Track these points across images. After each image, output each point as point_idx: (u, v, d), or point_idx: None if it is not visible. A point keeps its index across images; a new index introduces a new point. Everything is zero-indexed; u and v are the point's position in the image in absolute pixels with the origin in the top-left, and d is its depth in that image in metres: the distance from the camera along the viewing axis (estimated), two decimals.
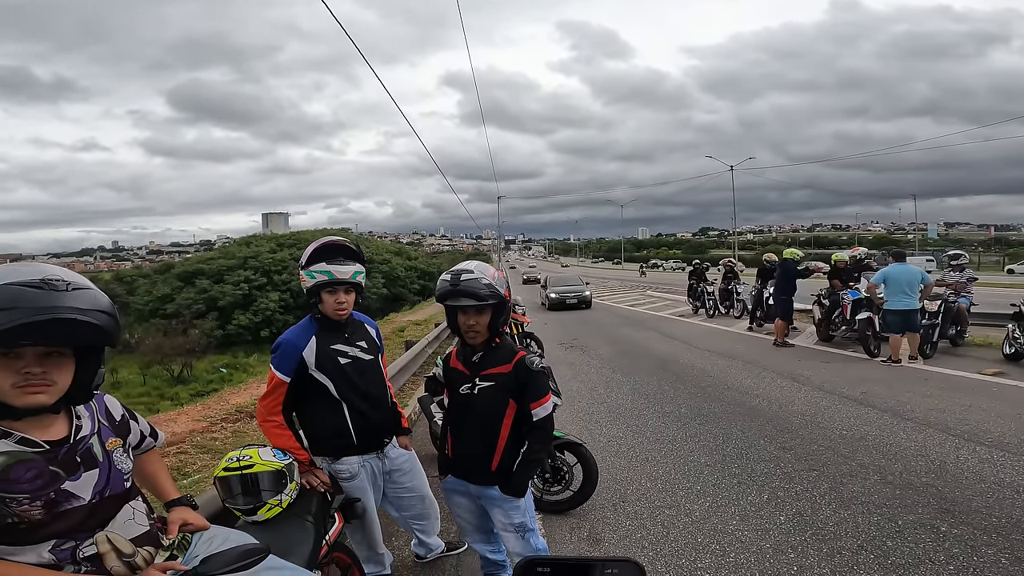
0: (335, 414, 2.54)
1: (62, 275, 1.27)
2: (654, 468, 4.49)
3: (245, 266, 42.81)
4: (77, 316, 1.24)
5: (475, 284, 2.26)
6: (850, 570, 2.90)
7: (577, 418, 5.98)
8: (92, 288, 1.32)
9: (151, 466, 1.78)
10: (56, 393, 1.32)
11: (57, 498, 1.32)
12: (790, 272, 10.29)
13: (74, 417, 1.42)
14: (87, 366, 1.38)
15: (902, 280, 7.77)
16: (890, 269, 7.96)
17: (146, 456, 1.76)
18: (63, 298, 1.24)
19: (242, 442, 5.02)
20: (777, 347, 9.76)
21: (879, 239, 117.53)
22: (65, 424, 1.40)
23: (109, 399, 1.60)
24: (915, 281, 7.78)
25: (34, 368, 1.27)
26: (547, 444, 2.54)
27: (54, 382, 1.30)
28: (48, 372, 1.29)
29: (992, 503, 3.51)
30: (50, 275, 1.26)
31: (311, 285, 2.48)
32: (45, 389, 1.29)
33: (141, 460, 1.74)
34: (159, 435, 1.80)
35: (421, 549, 3.15)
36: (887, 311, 7.89)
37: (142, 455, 1.74)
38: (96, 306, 1.29)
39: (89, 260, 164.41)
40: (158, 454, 1.83)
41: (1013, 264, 43.09)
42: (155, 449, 1.80)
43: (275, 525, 2.12)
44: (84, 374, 1.37)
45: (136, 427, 1.65)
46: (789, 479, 4.10)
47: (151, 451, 1.78)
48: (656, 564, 3.09)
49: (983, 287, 12.51)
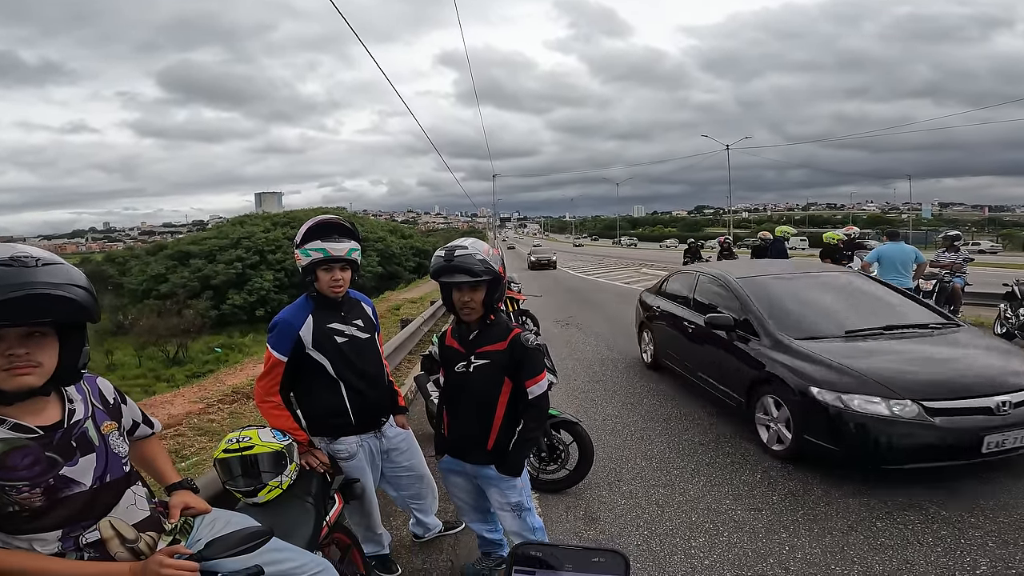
0: (332, 393, 2.54)
1: (31, 252, 1.26)
2: (649, 446, 4.54)
3: (238, 245, 42.57)
4: (51, 291, 1.22)
5: (469, 260, 2.25)
6: (840, 550, 2.95)
7: (572, 396, 6.02)
8: (64, 263, 1.30)
9: (150, 450, 1.77)
10: (43, 374, 1.31)
11: (57, 484, 1.32)
12: (781, 250, 10.33)
13: (66, 401, 1.41)
14: (70, 345, 1.36)
15: (896, 259, 7.83)
16: (884, 248, 7.99)
17: (147, 442, 1.76)
18: (35, 273, 1.22)
19: (239, 423, 5.04)
20: None
21: (873, 219, 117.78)
22: (58, 408, 1.39)
23: (102, 381, 1.58)
24: (908, 260, 7.84)
25: (17, 350, 1.26)
26: (543, 422, 2.55)
27: (39, 363, 1.29)
28: (32, 353, 1.28)
29: (979, 485, 3.56)
30: (19, 252, 1.24)
31: (306, 263, 2.45)
32: (31, 370, 1.28)
33: (140, 444, 1.74)
34: (154, 424, 1.78)
35: (419, 528, 3.19)
36: None
37: (140, 441, 1.73)
38: (70, 280, 1.27)
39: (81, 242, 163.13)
40: (158, 439, 1.83)
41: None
42: (155, 435, 1.80)
43: (276, 507, 2.13)
44: (69, 353, 1.36)
45: (127, 412, 1.63)
46: (781, 458, 4.15)
47: (151, 437, 1.78)
48: (651, 543, 3.14)
49: (976, 267, 12.57)
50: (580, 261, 37.51)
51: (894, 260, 7.83)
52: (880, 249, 8.03)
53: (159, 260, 43.72)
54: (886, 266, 7.83)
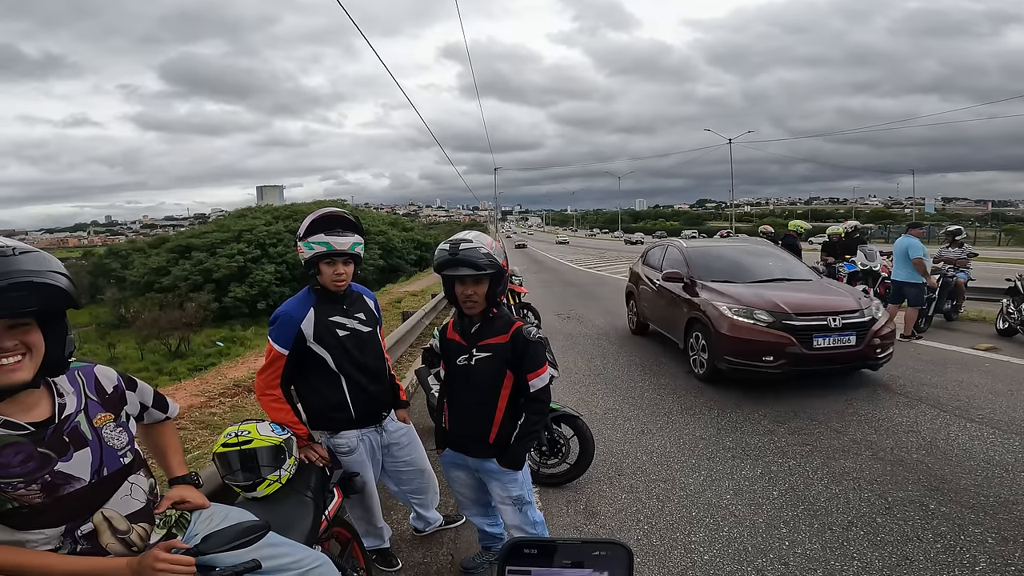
0: (333, 387, 2.53)
1: (6, 242, 1.24)
2: (649, 441, 4.54)
3: (240, 239, 42.53)
4: (32, 278, 1.21)
5: (474, 253, 2.24)
6: (840, 546, 2.95)
7: (573, 390, 6.02)
8: (39, 250, 1.29)
9: (164, 440, 1.76)
10: (32, 367, 1.29)
11: (55, 480, 1.31)
12: (793, 246, 10.11)
13: (56, 396, 1.40)
14: (54, 334, 1.34)
15: (897, 252, 7.88)
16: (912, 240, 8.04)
17: (161, 428, 1.74)
18: (13, 262, 1.20)
19: (240, 416, 5.04)
20: None
21: (876, 213, 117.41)
22: (48, 404, 1.38)
23: (102, 369, 1.55)
24: (904, 253, 7.87)
25: (6, 342, 1.25)
26: (544, 416, 2.54)
27: (27, 352, 1.28)
28: (18, 345, 1.27)
29: (980, 481, 3.56)
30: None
31: (309, 256, 2.44)
32: (18, 367, 1.27)
33: (155, 432, 1.72)
34: (170, 407, 1.75)
35: (420, 523, 3.19)
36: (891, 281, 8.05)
37: (154, 426, 1.71)
38: (49, 267, 1.26)
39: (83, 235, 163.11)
40: (172, 427, 1.81)
41: None
42: (169, 422, 1.78)
43: (275, 501, 2.12)
44: (53, 343, 1.34)
45: (134, 396, 1.60)
46: (782, 454, 4.15)
47: (165, 424, 1.76)
48: (651, 538, 3.14)
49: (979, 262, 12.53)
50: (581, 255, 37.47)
51: (897, 253, 7.94)
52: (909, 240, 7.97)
53: (161, 253, 43.69)
54: (896, 258, 7.85)
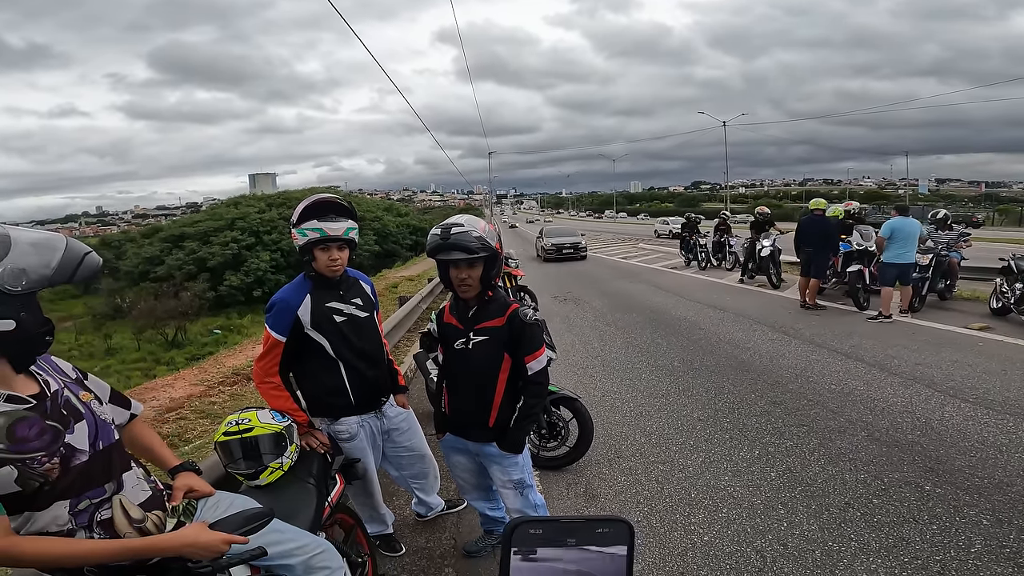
0: (332, 374, 2.52)
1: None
2: (648, 423, 4.57)
3: (233, 227, 42.25)
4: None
5: (465, 237, 2.22)
6: (837, 527, 2.98)
7: (571, 372, 6.05)
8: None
9: (144, 438, 1.73)
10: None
11: (68, 453, 1.31)
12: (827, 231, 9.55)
13: (36, 373, 1.38)
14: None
15: (908, 232, 7.83)
16: (895, 221, 7.94)
17: (137, 428, 1.71)
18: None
19: (240, 405, 5.05)
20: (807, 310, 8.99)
21: (870, 194, 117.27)
22: (33, 381, 1.36)
23: (57, 360, 1.50)
24: (915, 234, 7.89)
25: None
26: (543, 398, 2.55)
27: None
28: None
29: (975, 462, 3.58)
30: None
31: (303, 243, 2.42)
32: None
33: (133, 432, 1.69)
34: (133, 404, 1.69)
35: (421, 508, 3.21)
36: (888, 264, 7.90)
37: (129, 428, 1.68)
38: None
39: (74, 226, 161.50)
40: (146, 425, 1.78)
41: None
42: (139, 419, 1.73)
43: (278, 489, 2.13)
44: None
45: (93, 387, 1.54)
46: (779, 435, 4.18)
47: (135, 422, 1.71)
48: (651, 519, 3.17)
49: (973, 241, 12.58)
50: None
51: (908, 234, 7.84)
52: (892, 223, 7.96)
53: (154, 243, 43.39)
54: (898, 239, 7.82)
